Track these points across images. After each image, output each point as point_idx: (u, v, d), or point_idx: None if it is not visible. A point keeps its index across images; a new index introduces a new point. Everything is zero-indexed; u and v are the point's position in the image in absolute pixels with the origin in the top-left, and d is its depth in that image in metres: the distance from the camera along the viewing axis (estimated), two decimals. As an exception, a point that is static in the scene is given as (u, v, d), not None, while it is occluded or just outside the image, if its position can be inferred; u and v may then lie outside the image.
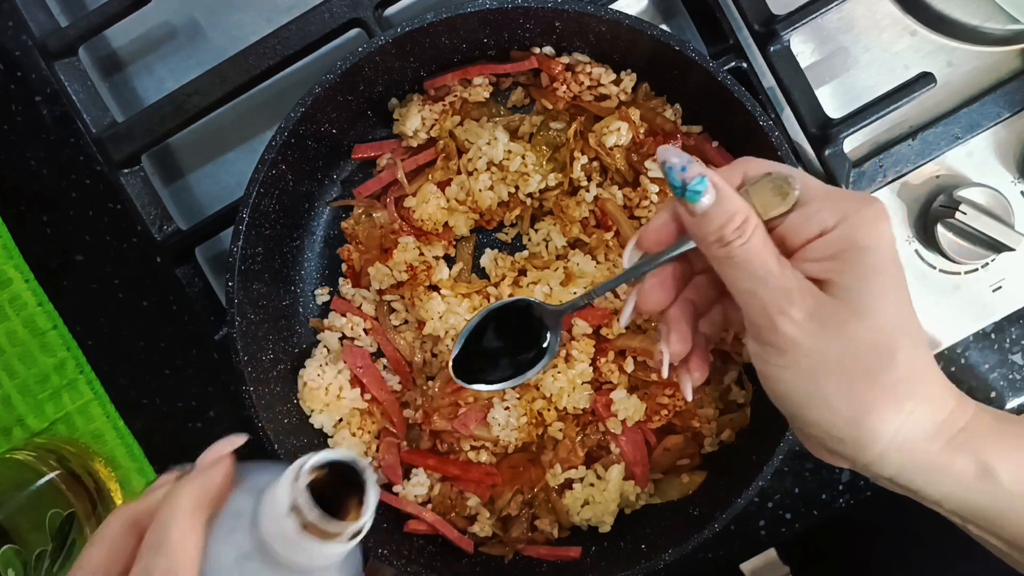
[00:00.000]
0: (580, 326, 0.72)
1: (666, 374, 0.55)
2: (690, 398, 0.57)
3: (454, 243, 0.76)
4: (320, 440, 0.74)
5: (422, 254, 0.74)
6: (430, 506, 0.73)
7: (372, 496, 0.42)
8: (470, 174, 0.73)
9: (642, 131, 0.72)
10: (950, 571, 0.83)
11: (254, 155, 0.66)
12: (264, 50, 0.71)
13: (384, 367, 0.75)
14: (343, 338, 0.76)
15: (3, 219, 0.79)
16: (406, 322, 0.76)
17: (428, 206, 0.73)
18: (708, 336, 0.56)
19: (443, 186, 0.74)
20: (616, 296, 0.72)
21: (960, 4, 0.74)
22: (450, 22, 0.66)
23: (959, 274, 0.76)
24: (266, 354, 0.71)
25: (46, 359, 0.79)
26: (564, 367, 0.71)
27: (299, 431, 0.72)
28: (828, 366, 0.46)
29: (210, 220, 0.74)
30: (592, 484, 0.73)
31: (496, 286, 0.73)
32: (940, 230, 0.73)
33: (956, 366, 0.77)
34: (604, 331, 0.72)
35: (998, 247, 0.71)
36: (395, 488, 0.73)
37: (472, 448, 0.73)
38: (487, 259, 0.75)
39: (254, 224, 0.67)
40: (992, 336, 0.78)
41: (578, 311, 0.72)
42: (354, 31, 0.72)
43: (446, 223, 0.74)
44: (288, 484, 0.41)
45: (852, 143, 0.75)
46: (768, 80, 0.72)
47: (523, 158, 0.72)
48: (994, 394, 0.78)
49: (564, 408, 0.72)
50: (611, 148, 0.71)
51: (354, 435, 0.73)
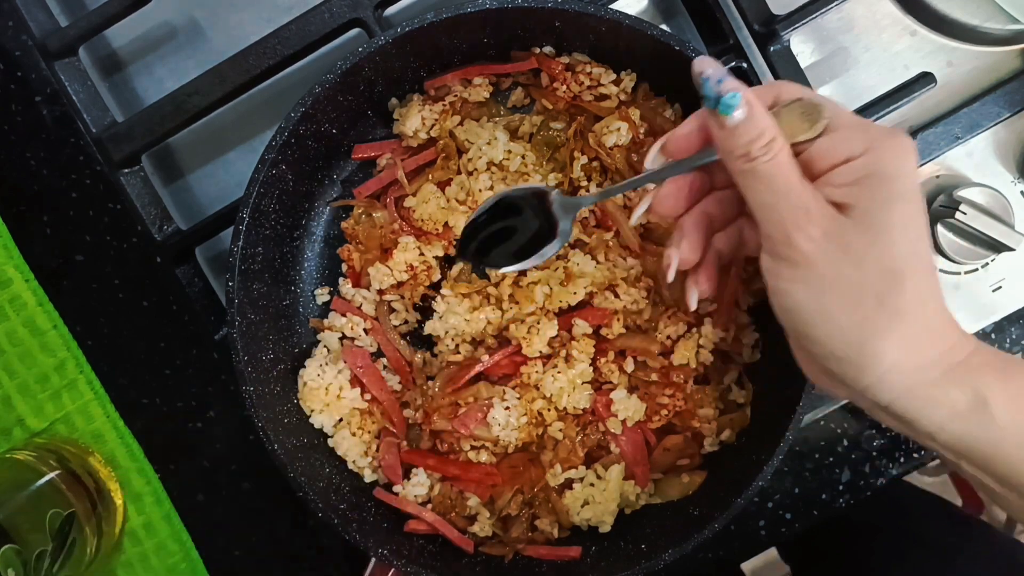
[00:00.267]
0: (580, 326, 0.72)
1: (671, 278, 0.56)
2: (693, 307, 0.57)
3: (454, 243, 0.76)
4: (320, 440, 0.74)
5: (422, 254, 0.74)
6: (430, 506, 0.73)
7: None
8: (470, 174, 0.73)
9: (642, 131, 0.72)
10: (950, 570, 0.84)
11: (254, 155, 0.66)
12: (264, 50, 0.71)
13: (384, 367, 0.75)
14: (343, 338, 0.76)
15: (3, 219, 0.79)
16: (406, 322, 0.76)
17: (428, 206, 0.73)
18: (721, 252, 0.57)
19: (443, 186, 0.74)
20: (616, 296, 0.72)
21: (960, 4, 0.74)
22: (450, 22, 0.66)
23: (959, 274, 0.76)
24: (266, 354, 0.71)
25: (46, 359, 0.79)
26: (564, 367, 0.71)
27: (299, 431, 0.72)
28: (838, 285, 0.47)
29: (210, 220, 0.74)
30: (592, 484, 0.73)
31: (496, 286, 0.73)
32: (940, 230, 0.73)
33: (956, 366, 0.77)
34: (604, 331, 0.72)
35: (998, 247, 0.71)
36: (395, 488, 0.73)
37: (472, 448, 0.73)
38: (487, 259, 0.75)
39: (254, 224, 0.67)
40: (992, 336, 0.78)
41: (579, 312, 0.72)
42: (354, 31, 0.72)
43: (446, 223, 0.74)
44: None
45: (852, 143, 0.75)
46: (768, 80, 0.72)
47: (523, 158, 0.72)
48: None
49: (564, 408, 0.72)
50: (611, 148, 0.71)
51: (354, 435, 0.73)
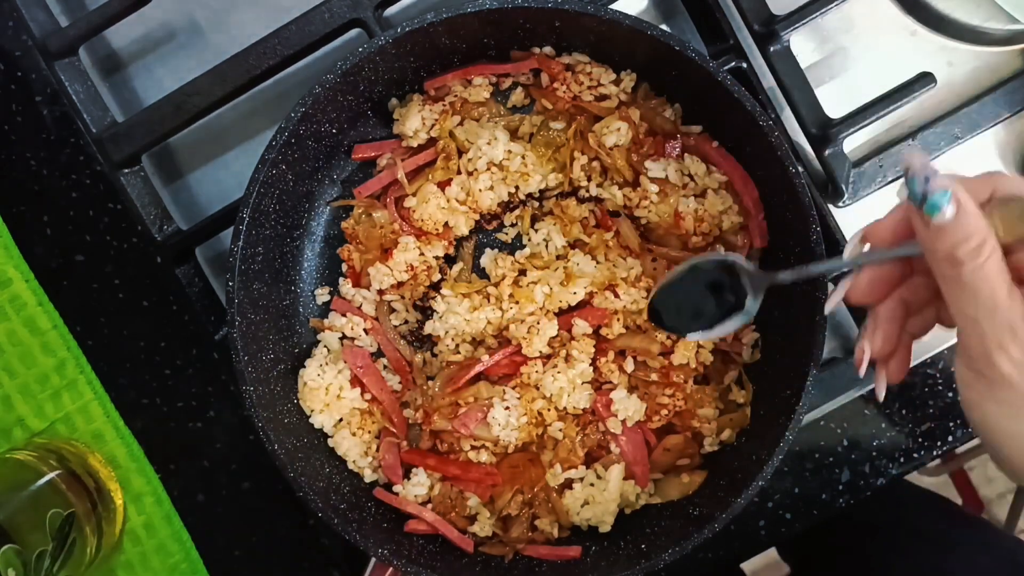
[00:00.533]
0: (580, 326, 0.72)
1: (862, 373, 0.54)
2: (882, 398, 0.55)
3: (454, 243, 0.76)
4: (320, 440, 0.74)
5: (422, 254, 0.74)
6: (430, 506, 0.73)
7: None
8: (470, 174, 0.73)
9: (642, 131, 0.72)
10: (950, 560, 0.83)
11: (254, 155, 0.66)
12: (264, 50, 0.71)
13: (384, 367, 0.75)
14: (343, 338, 0.76)
15: (3, 219, 0.79)
16: (406, 322, 0.76)
17: (428, 206, 0.73)
18: (914, 335, 0.55)
19: (443, 186, 0.74)
20: (616, 296, 0.72)
21: (960, 4, 0.74)
22: (450, 22, 0.66)
23: (959, 274, 0.75)
24: (266, 354, 0.71)
25: (46, 359, 0.79)
26: (564, 367, 0.71)
27: (299, 431, 0.72)
28: None
29: (210, 220, 0.74)
30: (592, 484, 0.73)
31: (496, 286, 0.73)
32: (940, 230, 0.72)
33: (956, 366, 0.77)
34: (604, 331, 0.72)
35: (998, 247, 0.71)
36: (395, 488, 0.73)
37: (472, 448, 0.73)
38: (487, 259, 0.75)
39: (254, 224, 0.67)
40: (992, 336, 0.78)
41: (579, 312, 0.72)
42: (354, 31, 0.72)
43: (446, 223, 0.74)
44: None
45: (852, 143, 0.75)
46: (768, 80, 0.72)
47: (523, 158, 0.72)
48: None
49: (564, 408, 0.72)
50: (611, 148, 0.71)
51: (354, 435, 0.73)
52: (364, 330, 0.76)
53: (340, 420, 0.74)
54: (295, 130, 0.66)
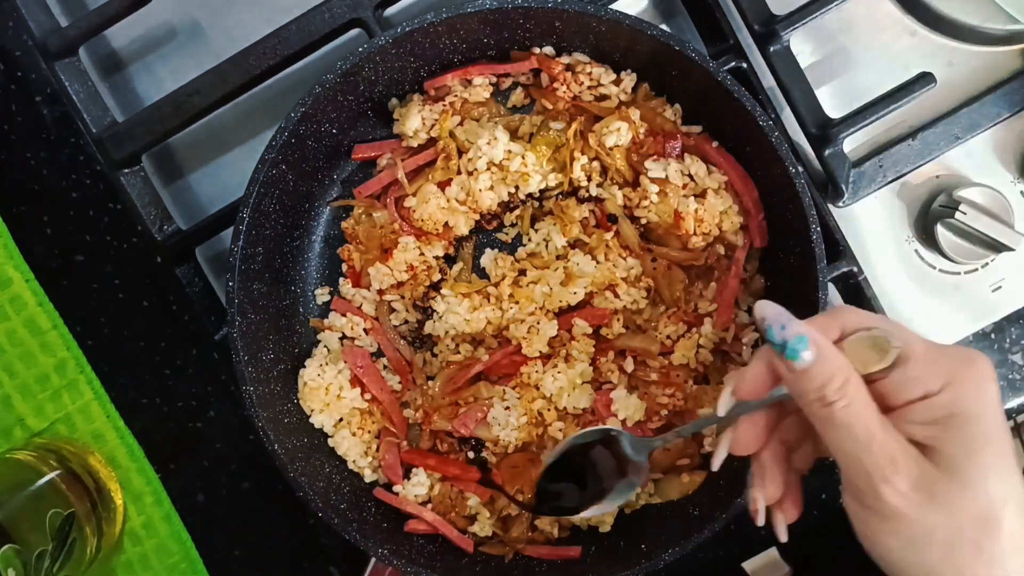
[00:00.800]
0: (580, 326, 0.72)
1: (761, 521, 0.53)
2: (784, 539, 0.55)
3: (454, 243, 0.76)
4: (320, 440, 0.74)
5: (422, 254, 0.74)
6: (430, 506, 0.73)
7: None
8: (470, 174, 0.73)
9: (642, 131, 0.72)
10: None
11: (254, 155, 0.66)
12: (264, 50, 0.71)
13: (384, 367, 0.75)
14: (343, 338, 0.76)
15: (3, 219, 0.79)
16: (406, 322, 0.76)
17: (428, 206, 0.73)
18: (799, 470, 0.55)
19: (443, 186, 0.74)
20: (616, 296, 0.72)
21: (960, 4, 0.74)
22: (450, 22, 0.66)
23: (959, 274, 0.76)
24: (266, 354, 0.71)
25: (46, 359, 0.79)
26: (564, 367, 0.71)
27: (299, 431, 0.72)
28: (932, 537, 0.45)
29: (210, 220, 0.74)
30: (592, 484, 0.73)
31: (496, 286, 0.73)
32: (940, 230, 0.73)
33: (956, 366, 0.77)
34: (604, 331, 0.72)
35: (998, 247, 0.71)
36: (395, 488, 0.73)
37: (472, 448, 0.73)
38: (487, 259, 0.75)
39: (254, 224, 0.67)
40: (992, 336, 0.78)
41: (579, 312, 0.72)
42: (354, 31, 0.72)
43: (446, 223, 0.74)
44: None
45: (852, 143, 0.75)
46: (768, 80, 0.72)
47: (523, 158, 0.72)
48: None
49: (564, 408, 0.72)
50: (611, 148, 0.71)
51: (354, 435, 0.73)
52: (364, 330, 0.76)
53: (340, 420, 0.74)
54: (295, 130, 0.66)
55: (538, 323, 0.71)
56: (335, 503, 0.69)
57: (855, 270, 0.71)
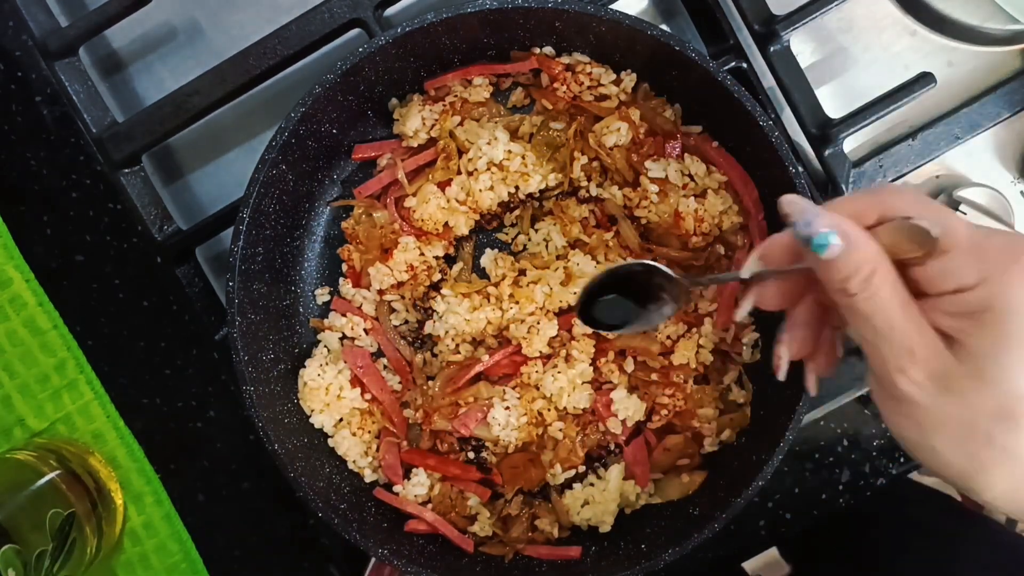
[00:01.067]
0: (580, 326, 0.72)
1: (782, 377, 0.53)
2: (813, 393, 0.55)
3: (454, 243, 0.76)
4: (320, 440, 0.74)
5: (422, 254, 0.74)
6: (430, 506, 0.73)
7: None
8: (470, 174, 0.73)
9: (642, 131, 0.72)
10: (954, 554, 0.83)
11: (254, 155, 0.66)
12: (264, 50, 0.71)
13: (384, 367, 0.75)
14: (343, 338, 0.76)
15: (3, 219, 0.79)
16: (406, 322, 0.76)
17: (428, 206, 0.73)
18: (838, 328, 0.54)
19: (443, 186, 0.74)
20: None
21: (960, 4, 0.74)
22: (450, 22, 0.66)
23: (959, 274, 0.75)
24: (266, 354, 0.71)
25: (46, 359, 0.79)
26: (564, 367, 0.71)
27: (299, 431, 0.72)
28: (945, 425, 0.45)
29: (210, 220, 0.74)
30: (592, 484, 0.73)
31: (496, 286, 0.73)
32: (940, 230, 0.72)
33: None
34: (604, 331, 0.72)
35: (998, 247, 0.71)
36: (395, 488, 0.73)
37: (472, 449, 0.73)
38: (487, 259, 0.75)
39: (254, 224, 0.67)
40: (992, 336, 0.77)
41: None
42: (354, 31, 0.72)
43: (446, 223, 0.74)
44: None
45: (852, 143, 0.75)
46: (768, 80, 0.72)
47: (523, 158, 0.72)
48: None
49: (564, 408, 0.72)
50: (611, 148, 0.71)
51: (354, 435, 0.73)
52: (364, 330, 0.76)
53: (340, 420, 0.74)
54: (295, 130, 0.66)
55: (538, 323, 0.71)
56: (335, 503, 0.69)
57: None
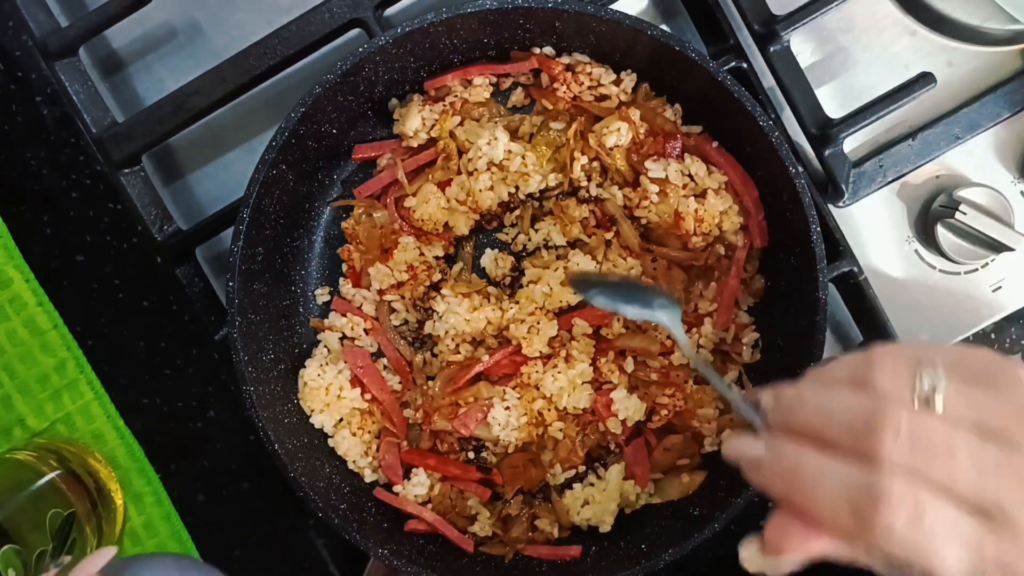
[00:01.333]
0: (580, 326, 0.72)
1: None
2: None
3: (454, 243, 0.76)
4: (320, 440, 0.74)
5: (422, 254, 0.74)
6: (430, 506, 0.73)
7: None
8: (470, 174, 0.73)
9: (642, 131, 0.72)
10: None
11: (254, 155, 0.66)
12: (264, 50, 0.71)
13: (384, 367, 0.75)
14: (343, 338, 0.76)
15: (3, 219, 0.79)
16: (406, 322, 0.76)
17: (428, 206, 0.73)
18: None
19: (443, 186, 0.74)
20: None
21: (960, 4, 0.74)
22: (450, 22, 0.66)
23: (959, 274, 0.76)
24: (266, 354, 0.71)
25: (46, 359, 0.79)
26: (564, 367, 0.71)
27: (299, 431, 0.72)
28: None
29: (210, 220, 0.74)
30: (592, 484, 0.73)
31: (496, 286, 0.73)
32: (940, 230, 0.73)
33: (956, 366, 0.77)
34: (604, 331, 0.72)
35: (998, 247, 0.71)
36: (395, 488, 0.73)
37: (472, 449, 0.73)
38: (487, 259, 0.75)
39: (254, 224, 0.67)
40: (992, 336, 0.78)
41: (579, 312, 0.72)
42: (354, 31, 0.72)
43: (446, 223, 0.74)
44: None
45: (852, 143, 0.75)
46: (768, 80, 0.72)
47: (523, 158, 0.72)
48: (994, 394, 0.77)
49: (564, 408, 0.72)
50: (611, 148, 0.71)
51: (354, 435, 0.73)
52: (364, 330, 0.76)
53: (340, 420, 0.74)
54: (295, 130, 0.66)
55: (538, 323, 0.71)
56: (335, 503, 0.69)
57: (855, 270, 0.71)
